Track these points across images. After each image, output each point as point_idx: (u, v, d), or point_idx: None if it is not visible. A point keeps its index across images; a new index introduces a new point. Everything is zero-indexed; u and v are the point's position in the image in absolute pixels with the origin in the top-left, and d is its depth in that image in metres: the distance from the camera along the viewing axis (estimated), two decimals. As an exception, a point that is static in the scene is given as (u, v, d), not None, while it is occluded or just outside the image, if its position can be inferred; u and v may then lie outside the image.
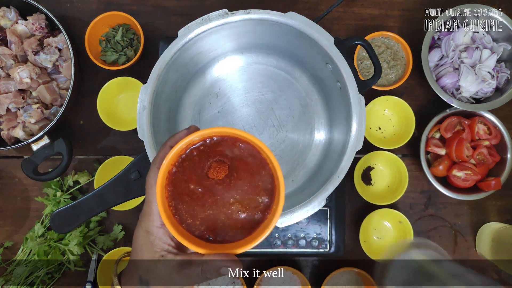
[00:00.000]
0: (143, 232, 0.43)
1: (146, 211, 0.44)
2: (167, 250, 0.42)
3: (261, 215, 0.42)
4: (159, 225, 0.43)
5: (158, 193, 0.41)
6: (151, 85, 0.67)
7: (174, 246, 0.43)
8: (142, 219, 0.44)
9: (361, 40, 0.70)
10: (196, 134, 0.41)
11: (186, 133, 0.43)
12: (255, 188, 0.42)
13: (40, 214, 0.88)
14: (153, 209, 0.43)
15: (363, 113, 0.67)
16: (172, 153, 0.41)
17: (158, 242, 0.42)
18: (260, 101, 0.80)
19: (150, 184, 0.43)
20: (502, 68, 0.87)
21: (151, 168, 0.44)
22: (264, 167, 0.42)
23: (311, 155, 0.80)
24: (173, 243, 0.43)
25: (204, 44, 0.72)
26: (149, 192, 0.43)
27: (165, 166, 0.41)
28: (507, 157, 0.85)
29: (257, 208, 0.42)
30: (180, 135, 0.43)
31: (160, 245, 0.42)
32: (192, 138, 0.41)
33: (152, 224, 0.43)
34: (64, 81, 0.85)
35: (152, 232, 0.43)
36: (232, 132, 0.41)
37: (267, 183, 0.42)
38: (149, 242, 0.43)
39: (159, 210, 0.41)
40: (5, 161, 0.90)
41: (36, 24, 0.82)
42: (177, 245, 0.43)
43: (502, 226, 0.87)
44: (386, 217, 0.89)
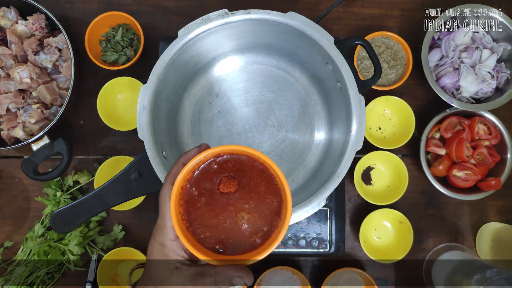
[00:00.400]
0: (158, 245, 0.45)
1: (160, 225, 0.46)
2: (181, 262, 0.45)
3: (270, 227, 0.45)
4: (172, 238, 0.45)
5: (172, 208, 0.43)
6: (151, 85, 0.67)
7: (187, 258, 0.45)
8: (156, 232, 0.46)
9: (361, 40, 0.70)
10: (208, 152, 0.43)
11: (197, 151, 0.45)
12: (263, 202, 0.45)
13: (40, 214, 0.88)
14: (166, 223, 0.45)
15: (363, 113, 0.67)
16: (185, 170, 0.43)
17: (172, 254, 0.45)
18: (260, 101, 0.80)
19: (164, 199, 0.45)
20: (502, 68, 0.87)
21: (165, 184, 0.46)
22: (272, 182, 0.45)
23: (311, 155, 0.80)
24: (186, 255, 0.45)
25: (204, 44, 0.73)
26: (162, 206, 0.45)
27: (179, 182, 0.43)
28: (507, 157, 0.85)
29: (265, 221, 0.45)
30: (192, 153, 0.45)
31: (174, 257, 0.45)
32: (204, 156, 0.44)
33: (166, 237, 0.45)
34: (64, 81, 0.85)
35: (166, 245, 0.45)
36: (241, 149, 0.44)
37: (274, 197, 0.45)
38: (163, 254, 0.45)
39: (174, 224, 0.43)
40: (5, 161, 0.90)
41: (36, 24, 0.82)
42: (190, 257, 0.46)
43: (502, 226, 0.87)
44: (386, 217, 0.89)
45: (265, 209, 0.45)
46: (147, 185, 0.67)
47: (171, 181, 0.45)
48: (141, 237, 0.89)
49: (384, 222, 0.89)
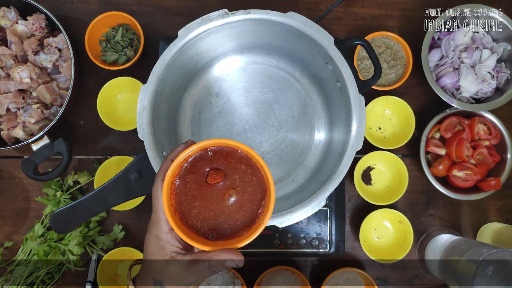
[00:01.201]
0: (153, 238, 0.48)
1: (154, 219, 0.49)
2: (176, 252, 0.47)
3: (256, 213, 0.48)
4: (167, 230, 0.48)
5: (165, 202, 0.46)
6: (151, 85, 0.67)
7: (182, 248, 0.48)
8: (151, 227, 0.49)
9: (361, 40, 0.70)
10: (193, 147, 0.47)
11: (184, 147, 0.48)
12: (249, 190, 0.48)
13: (40, 214, 0.88)
14: (160, 217, 0.48)
15: (363, 113, 0.67)
16: (174, 165, 0.46)
17: (167, 246, 0.47)
18: (260, 101, 0.80)
19: (156, 195, 0.48)
20: (502, 68, 0.87)
21: (156, 180, 0.49)
22: (256, 171, 0.48)
23: (311, 155, 0.80)
24: (180, 245, 0.48)
25: (204, 44, 0.72)
26: (155, 202, 0.48)
27: (169, 178, 0.46)
28: (507, 157, 0.85)
29: (252, 207, 0.48)
30: (179, 149, 0.48)
31: (170, 248, 0.47)
32: (190, 151, 0.47)
33: (160, 230, 0.48)
34: (64, 81, 0.85)
35: (161, 237, 0.48)
36: (224, 142, 0.47)
37: (259, 185, 0.48)
38: (159, 246, 0.47)
39: (167, 217, 0.46)
40: (5, 161, 0.90)
41: (36, 24, 0.82)
42: (185, 246, 0.48)
43: (502, 226, 0.87)
44: (386, 217, 0.89)
45: (251, 195, 0.48)
46: (147, 185, 0.67)
47: (161, 177, 0.48)
48: (141, 237, 0.89)
49: (384, 222, 0.89)
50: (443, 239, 0.84)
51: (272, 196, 0.47)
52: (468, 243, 0.78)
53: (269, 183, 0.47)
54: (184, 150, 0.47)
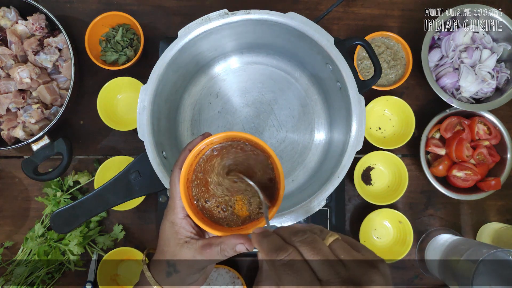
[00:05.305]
0: (169, 223, 0.51)
1: (170, 205, 0.51)
2: (190, 237, 0.50)
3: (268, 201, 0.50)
4: (182, 216, 0.51)
5: (182, 190, 0.49)
6: (151, 85, 0.67)
7: (195, 233, 0.51)
8: (167, 213, 0.52)
9: (361, 40, 0.70)
10: (210, 138, 0.50)
11: (201, 138, 0.51)
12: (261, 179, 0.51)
13: (40, 214, 0.88)
14: (176, 204, 0.50)
15: (363, 113, 0.67)
16: (191, 155, 0.50)
17: (182, 231, 0.50)
18: (260, 101, 0.80)
19: (174, 183, 0.51)
20: (502, 68, 0.87)
21: (174, 169, 0.52)
22: (268, 164, 0.51)
23: (311, 155, 0.80)
24: (194, 230, 0.51)
25: (204, 44, 0.72)
26: (172, 189, 0.51)
27: (186, 166, 0.49)
28: (507, 157, 0.85)
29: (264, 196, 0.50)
30: (197, 140, 0.51)
31: (184, 233, 0.50)
32: (207, 142, 0.50)
33: (176, 216, 0.51)
34: (64, 81, 0.85)
35: (176, 223, 0.50)
36: (239, 135, 0.50)
37: (270, 176, 0.51)
38: (174, 231, 0.50)
39: (184, 203, 0.49)
40: (5, 161, 0.90)
41: (36, 24, 0.82)
42: (198, 232, 0.51)
43: (502, 226, 0.87)
44: (386, 217, 0.89)
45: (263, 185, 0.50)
46: (147, 185, 0.67)
47: (179, 166, 0.51)
48: (141, 237, 0.89)
49: (384, 222, 0.89)
50: (443, 239, 0.84)
51: (282, 186, 0.49)
52: (468, 243, 0.78)
53: (279, 175, 0.49)
54: (201, 141, 0.50)
